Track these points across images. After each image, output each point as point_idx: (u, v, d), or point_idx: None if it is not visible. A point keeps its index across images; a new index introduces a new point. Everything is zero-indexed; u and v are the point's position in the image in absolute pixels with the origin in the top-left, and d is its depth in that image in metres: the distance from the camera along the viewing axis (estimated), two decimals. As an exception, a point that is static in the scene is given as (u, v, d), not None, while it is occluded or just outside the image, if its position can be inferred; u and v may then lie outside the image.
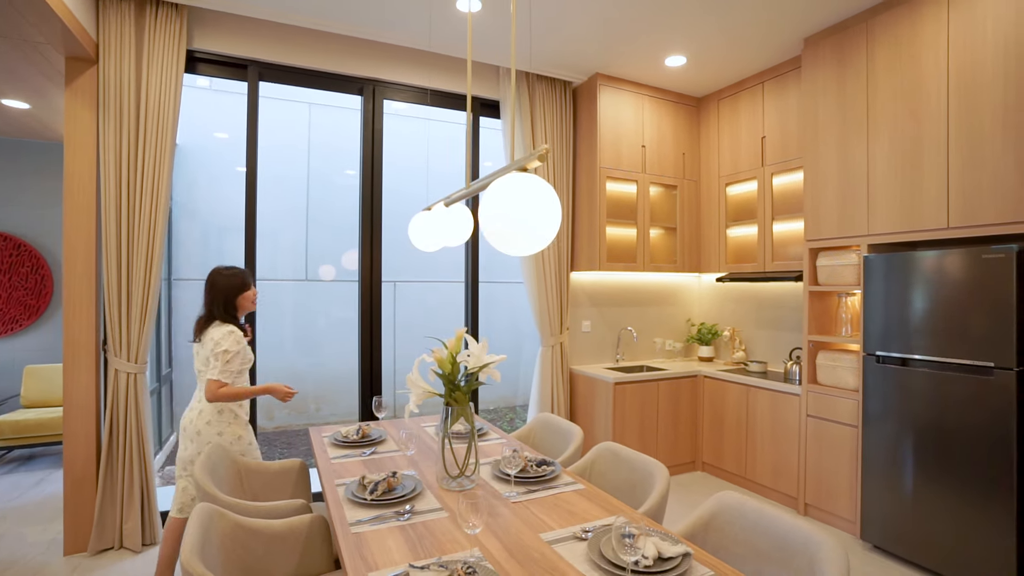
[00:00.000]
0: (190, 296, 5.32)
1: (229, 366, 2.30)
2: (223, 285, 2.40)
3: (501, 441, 2.51)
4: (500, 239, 1.25)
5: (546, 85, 4.04)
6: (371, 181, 3.65)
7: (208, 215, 5.55)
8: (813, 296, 3.39)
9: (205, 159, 5.50)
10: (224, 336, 2.31)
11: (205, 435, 2.34)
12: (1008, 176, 2.47)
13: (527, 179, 1.25)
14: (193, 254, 5.46)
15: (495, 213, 1.24)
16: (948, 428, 2.62)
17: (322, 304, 5.92)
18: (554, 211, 1.25)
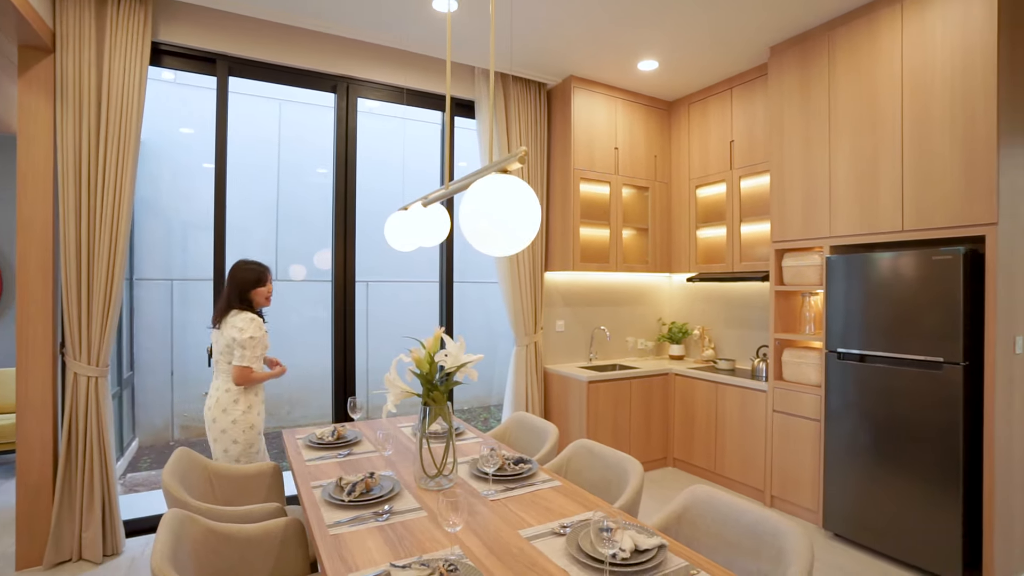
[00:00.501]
0: (153, 296, 5.17)
1: (256, 352, 2.46)
2: (240, 278, 2.54)
3: (478, 440, 2.52)
4: (481, 239, 1.26)
5: (521, 86, 4.07)
6: (344, 180, 3.61)
7: (173, 212, 5.39)
8: (779, 295, 3.51)
9: (170, 154, 5.33)
10: (247, 323, 2.46)
11: (220, 423, 2.50)
12: (956, 182, 2.61)
13: (508, 180, 1.27)
14: (157, 253, 5.30)
15: (476, 214, 1.26)
16: (903, 421, 2.75)
17: (293, 304, 5.81)
18: (534, 212, 1.27)
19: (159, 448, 5.00)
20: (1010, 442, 2.63)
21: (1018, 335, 2.66)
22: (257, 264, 2.60)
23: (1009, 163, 2.57)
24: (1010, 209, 2.58)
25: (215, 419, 2.51)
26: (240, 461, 2.55)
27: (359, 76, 3.57)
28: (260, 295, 2.59)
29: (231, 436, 2.53)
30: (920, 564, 2.68)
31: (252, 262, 2.60)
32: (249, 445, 2.56)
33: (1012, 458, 2.64)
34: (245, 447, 2.56)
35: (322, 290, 5.92)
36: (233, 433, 2.52)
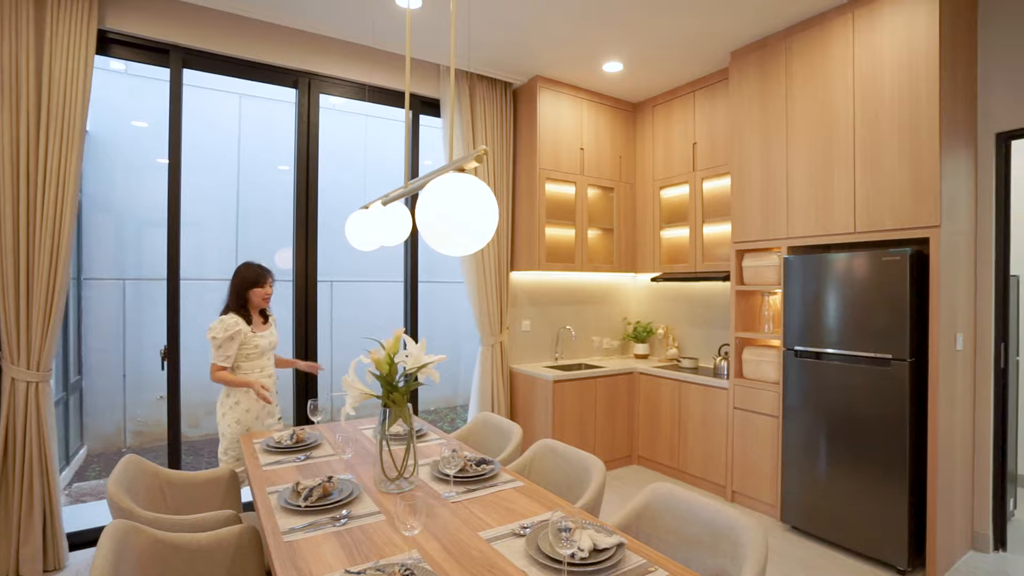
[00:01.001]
0: (104, 296, 4.95)
1: (221, 351, 2.54)
2: (239, 277, 2.67)
3: (440, 442, 2.49)
4: (437, 238, 1.24)
5: (487, 85, 4.05)
6: (306, 177, 3.53)
7: (125, 209, 5.18)
8: (739, 295, 3.59)
9: (122, 149, 5.12)
10: (214, 325, 2.57)
11: (218, 420, 2.67)
12: (903, 186, 2.72)
13: (464, 179, 1.25)
14: (108, 251, 5.08)
15: (432, 212, 1.24)
16: (855, 416, 2.85)
17: (252, 305, 5.65)
18: (490, 211, 1.26)
19: (109, 456, 4.78)
20: (951, 434, 2.75)
21: (959, 332, 2.78)
22: (259, 266, 2.71)
23: (951, 168, 2.69)
24: (951, 212, 2.70)
25: (218, 419, 2.68)
26: (239, 463, 2.61)
27: (321, 72, 3.49)
28: (257, 295, 2.67)
29: (222, 431, 2.65)
30: (870, 553, 2.78)
31: (255, 264, 2.72)
32: (236, 440, 2.62)
33: (953, 449, 2.77)
34: (232, 442, 2.63)
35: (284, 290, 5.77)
36: (223, 427, 2.65)
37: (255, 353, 2.67)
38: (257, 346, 2.66)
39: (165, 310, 3.14)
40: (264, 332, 2.73)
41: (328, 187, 5.45)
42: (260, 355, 2.69)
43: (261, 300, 2.70)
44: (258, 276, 2.68)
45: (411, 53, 3.74)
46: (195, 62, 3.19)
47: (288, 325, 3.52)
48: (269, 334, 2.76)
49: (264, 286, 2.69)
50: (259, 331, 2.71)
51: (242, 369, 2.66)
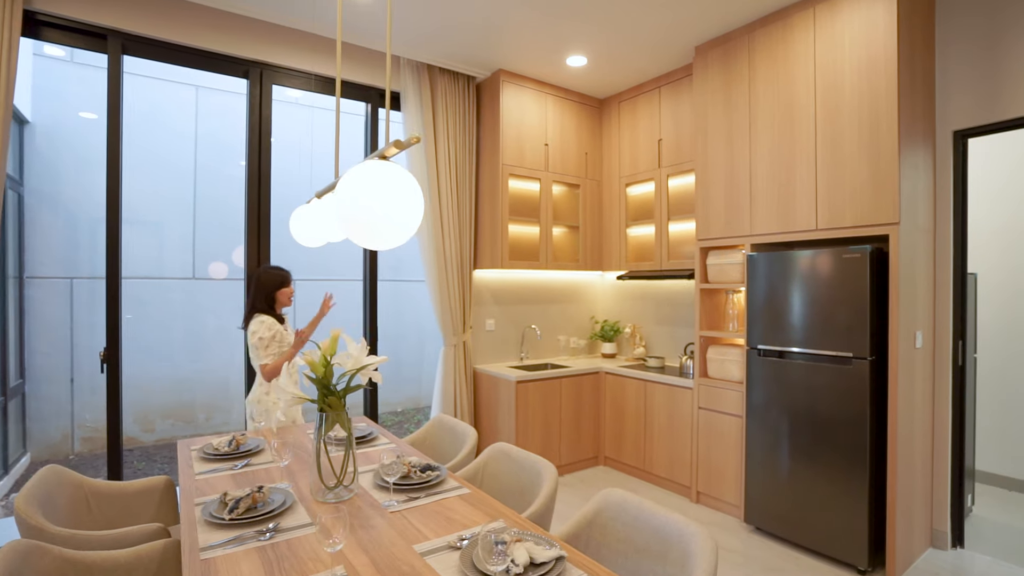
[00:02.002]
0: (49, 296, 4.70)
1: (268, 350, 2.67)
2: (265, 281, 2.78)
3: (391, 446, 2.39)
4: (356, 230, 1.14)
5: (448, 79, 3.95)
6: (259, 171, 3.38)
7: (75, 205, 4.93)
8: (704, 293, 3.55)
9: (69, 142, 4.87)
10: (257, 326, 2.69)
11: (255, 417, 2.74)
12: (863, 183, 2.70)
13: (385, 167, 1.15)
14: (55, 249, 4.83)
15: (350, 203, 1.14)
16: (817, 415, 2.82)
17: (211, 305, 5.45)
18: (414, 201, 1.16)
19: (55, 463, 4.55)
20: (911, 432, 2.74)
21: (918, 330, 2.78)
22: (279, 268, 2.84)
23: (910, 165, 2.68)
24: (910, 210, 2.69)
25: (251, 414, 2.76)
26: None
27: (273, 62, 3.35)
28: (284, 295, 2.82)
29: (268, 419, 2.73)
30: (832, 553, 2.76)
31: (275, 267, 2.85)
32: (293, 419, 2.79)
33: (913, 447, 2.76)
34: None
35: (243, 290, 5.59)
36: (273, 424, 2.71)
37: (283, 351, 2.75)
38: (287, 343, 2.78)
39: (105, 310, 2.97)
40: (288, 331, 2.86)
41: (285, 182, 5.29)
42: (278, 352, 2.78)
43: (287, 300, 2.84)
44: (284, 277, 2.82)
45: (367, 43, 3.62)
46: (135, 48, 3.03)
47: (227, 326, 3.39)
48: (290, 333, 2.87)
49: (289, 286, 2.85)
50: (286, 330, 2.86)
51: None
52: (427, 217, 3.83)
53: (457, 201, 3.97)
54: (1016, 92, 2.68)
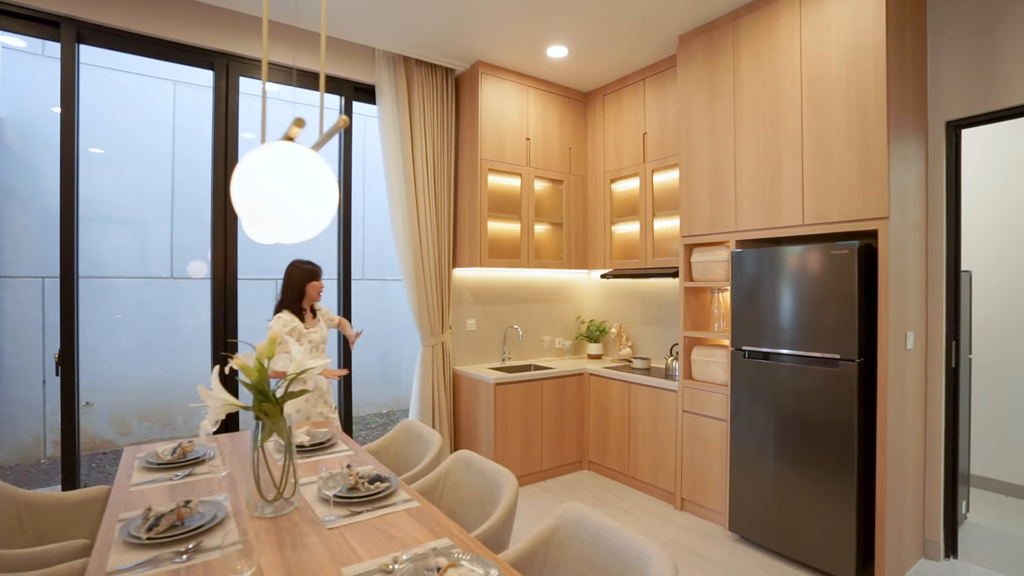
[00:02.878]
0: (20, 296, 4.58)
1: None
2: (294, 275, 2.77)
3: (349, 453, 2.25)
4: (256, 221, 1.01)
5: (426, 71, 3.82)
6: (224, 166, 3.26)
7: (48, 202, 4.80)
8: (688, 292, 3.42)
9: (40, 137, 4.75)
10: (274, 323, 2.67)
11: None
12: (851, 176, 2.57)
13: (291, 151, 1.02)
14: (27, 247, 4.71)
15: (250, 191, 1.01)
16: (804, 420, 2.69)
17: (190, 305, 5.33)
18: (324, 189, 1.03)
19: (26, 468, 4.43)
20: (901, 437, 2.61)
21: (909, 331, 2.64)
22: (309, 263, 2.82)
23: (900, 157, 2.55)
24: (901, 204, 2.56)
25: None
26: None
27: (241, 52, 3.22)
28: (314, 289, 2.80)
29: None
30: (818, 565, 2.62)
31: (305, 261, 2.83)
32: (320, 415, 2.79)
33: (903, 453, 2.63)
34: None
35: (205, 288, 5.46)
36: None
37: (308, 348, 2.70)
38: (311, 341, 2.76)
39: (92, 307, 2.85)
40: (314, 328, 2.83)
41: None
42: (313, 349, 2.79)
43: (317, 294, 2.82)
44: (314, 271, 2.80)
45: (340, 34, 3.49)
46: (92, 37, 2.90)
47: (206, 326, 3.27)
48: (319, 329, 2.85)
49: (319, 279, 2.82)
50: (311, 327, 2.82)
51: None
52: (403, 214, 3.71)
53: (435, 197, 3.84)
54: (1010, 81, 2.54)
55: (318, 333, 2.83)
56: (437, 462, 2.38)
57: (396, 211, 3.71)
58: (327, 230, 4.43)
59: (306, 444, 2.24)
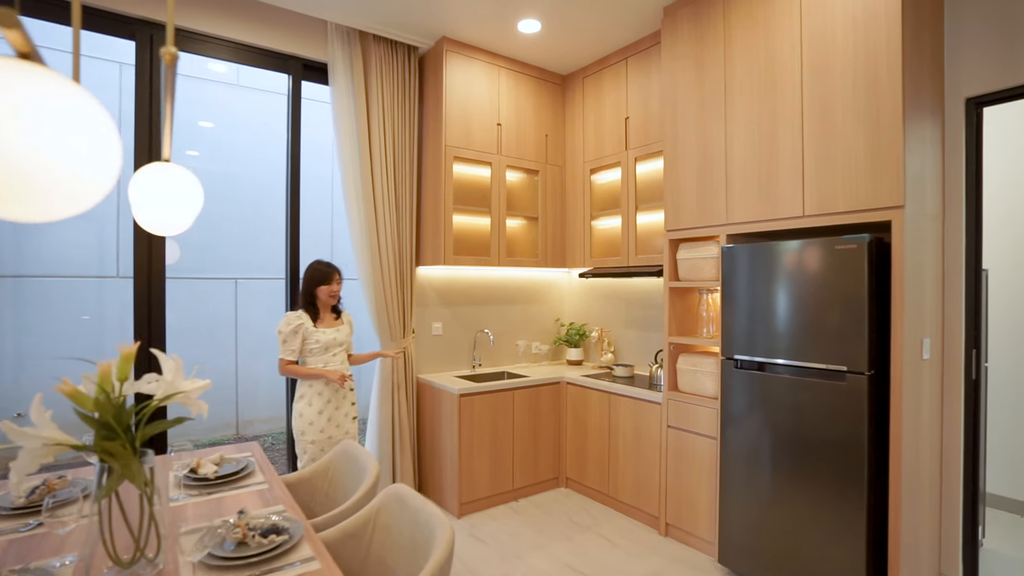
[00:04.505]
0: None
1: (287, 345, 2.65)
2: (307, 276, 2.75)
3: (262, 488, 1.87)
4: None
5: (385, 48, 3.43)
6: (148, 153, 2.86)
7: None
8: (673, 293, 3.06)
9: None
10: (282, 319, 2.69)
11: (293, 420, 2.75)
12: (859, 160, 2.22)
13: (25, 71, 0.65)
14: None
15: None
16: (805, 440, 2.34)
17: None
18: (79, 126, 0.66)
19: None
20: (917, 459, 2.26)
21: (925, 338, 2.30)
22: (326, 264, 2.76)
23: (916, 137, 2.20)
24: (917, 190, 2.21)
25: (293, 422, 2.76)
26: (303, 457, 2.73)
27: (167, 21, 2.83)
28: (323, 292, 2.73)
29: (296, 434, 2.73)
30: (821, 609, 2.27)
31: (323, 262, 2.77)
32: (300, 432, 2.70)
33: (920, 476, 2.28)
34: (297, 434, 2.71)
35: (181, 288, 5.06)
36: (296, 430, 2.72)
37: (317, 348, 2.71)
38: (318, 341, 2.70)
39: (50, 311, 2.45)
40: (329, 328, 2.75)
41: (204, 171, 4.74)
42: (323, 350, 2.72)
43: (328, 297, 2.75)
44: (325, 274, 2.73)
45: (288, 3, 3.11)
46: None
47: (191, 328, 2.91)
48: (335, 331, 2.76)
49: (331, 283, 2.73)
50: (324, 327, 2.74)
51: (305, 364, 2.73)
52: (359, 206, 3.33)
53: (395, 188, 3.46)
54: (1043, 48, 2.20)
55: (329, 335, 2.73)
56: (373, 494, 2.00)
57: (351, 203, 3.33)
58: (266, 224, 3.97)
59: (210, 477, 1.85)
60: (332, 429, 2.73)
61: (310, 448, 2.70)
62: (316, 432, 2.70)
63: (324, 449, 2.70)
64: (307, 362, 2.72)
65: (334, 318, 2.81)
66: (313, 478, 2.33)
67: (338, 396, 2.76)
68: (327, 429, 2.72)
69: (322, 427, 2.71)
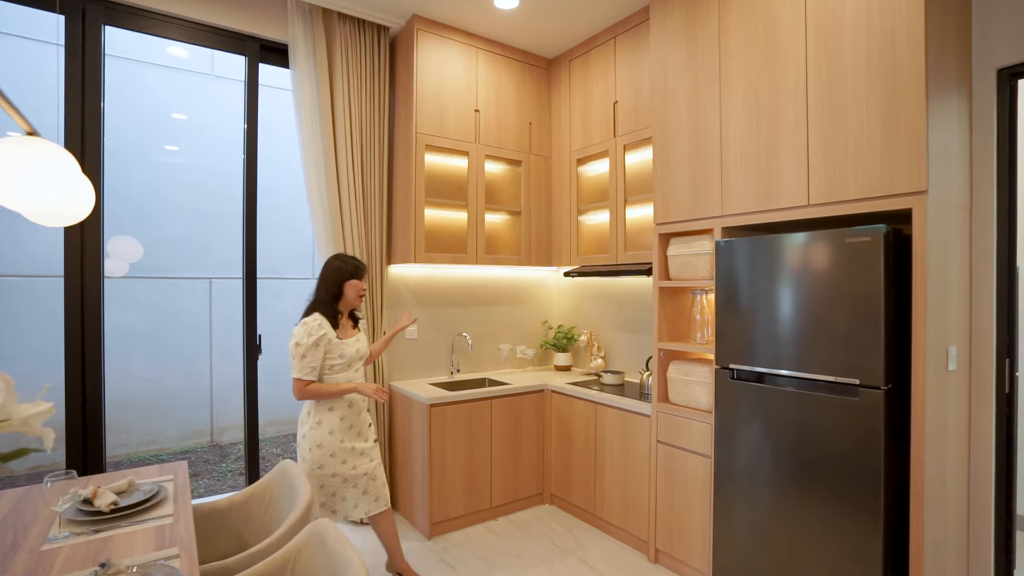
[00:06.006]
0: None
1: (306, 361, 2.19)
2: (330, 270, 2.33)
3: (166, 522, 1.59)
4: None
5: (352, 28, 3.16)
6: (81, 140, 2.60)
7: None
8: (664, 293, 2.76)
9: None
10: (297, 329, 2.22)
11: (297, 440, 2.33)
12: (873, 136, 1.91)
13: None
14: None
15: None
16: (811, 463, 2.03)
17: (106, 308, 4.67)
18: None
19: None
20: (943, 485, 1.95)
21: (951, 346, 1.98)
22: (349, 258, 2.38)
23: (940, 112, 1.89)
24: (941, 174, 1.89)
25: (302, 456, 2.31)
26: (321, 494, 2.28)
27: (103, -7, 2.58)
28: (353, 289, 2.32)
29: (302, 455, 2.30)
30: (829, 659, 1.96)
31: (346, 256, 2.39)
32: (318, 466, 2.26)
33: (945, 504, 1.97)
34: (313, 468, 2.26)
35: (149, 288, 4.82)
36: (302, 450, 2.30)
37: (340, 364, 2.28)
38: (342, 355, 2.28)
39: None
40: (351, 339, 2.34)
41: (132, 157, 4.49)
42: (347, 366, 2.31)
43: (356, 296, 2.35)
44: (355, 267, 2.34)
45: (239, -24, 2.83)
46: None
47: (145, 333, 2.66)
48: (356, 341, 2.37)
49: (361, 279, 2.35)
50: (346, 337, 2.33)
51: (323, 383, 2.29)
52: (323, 200, 3.05)
53: (363, 181, 3.19)
54: (1089, 8, 1.88)
55: (353, 347, 2.33)
56: (302, 525, 1.72)
57: (313, 194, 3.06)
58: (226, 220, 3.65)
59: (104, 511, 1.57)
60: (356, 458, 2.33)
61: (331, 483, 2.29)
62: (338, 464, 2.28)
63: (346, 481, 2.31)
64: (324, 380, 2.29)
65: (351, 326, 2.41)
66: (249, 502, 2.06)
67: (360, 419, 2.38)
68: (350, 459, 2.31)
69: (344, 458, 2.29)
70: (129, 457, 4.68)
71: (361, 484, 2.36)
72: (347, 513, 2.36)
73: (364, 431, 2.41)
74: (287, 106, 3.09)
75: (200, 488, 4.21)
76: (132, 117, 4.82)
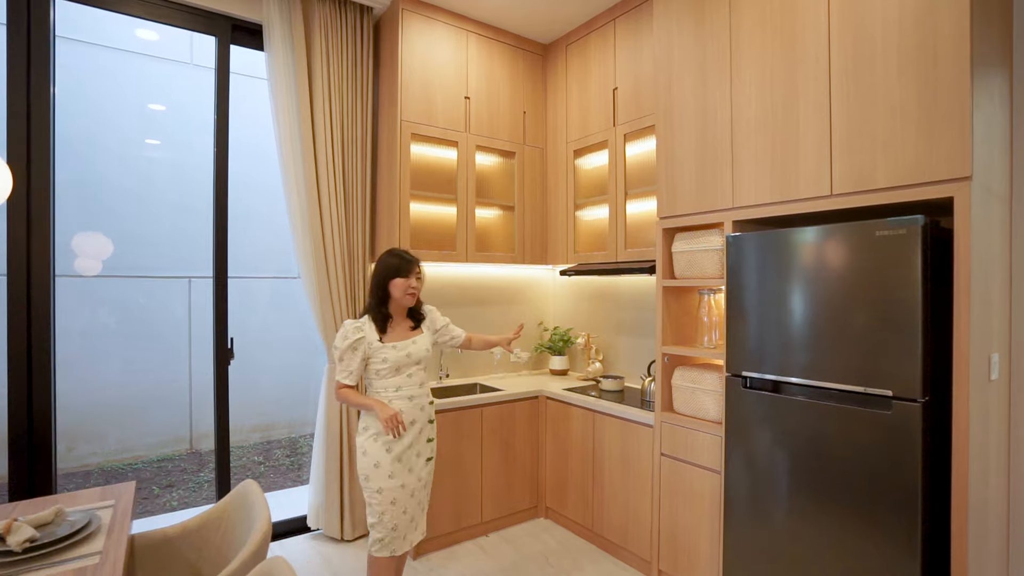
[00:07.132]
0: None
1: (343, 365, 2.08)
2: (378, 269, 2.16)
3: (90, 563, 1.36)
4: None
5: (332, 9, 2.93)
6: (28, 131, 2.37)
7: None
8: (668, 293, 2.54)
9: None
10: (341, 330, 2.10)
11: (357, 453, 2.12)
12: (907, 117, 1.69)
13: None
14: None
15: None
16: (834, 483, 1.82)
17: (77, 308, 4.43)
18: None
19: None
20: (985, 508, 1.73)
21: (993, 352, 1.77)
22: (403, 252, 2.19)
23: (984, 91, 1.67)
24: (984, 159, 1.68)
25: (357, 458, 2.13)
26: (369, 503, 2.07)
27: (54, -37, 2.34)
28: (398, 288, 2.12)
29: (363, 473, 2.08)
30: None
31: (399, 250, 2.20)
32: (364, 477, 2.07)
33: (987, 530, 1.75)
34: (361, 479, 2.08)
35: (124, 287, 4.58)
36: (362, 468, 2.08)
37: (385, 369, 2.08)
38: (386, 360, 2.07)
39: None
40: (402, 341, 2.12)
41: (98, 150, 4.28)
42: (394, 371, 2.09)
43: (404, 295, 2.13)
44: (400, 264, 2.13)
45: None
46: None
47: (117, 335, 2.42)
48: (411, 343, 2.13)
49: (408, 276, 2.13)
50: (393, 340, 2.11)
51: (372, 387, 2.13)
52: (301, 193, 2.83)
53: (343, 171, 2.96)
54: None
55: (401, 350, 2.09)
56: (259, 558, 1.50)
57: (290, 186, 2.84)
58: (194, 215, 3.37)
59: (15, 550, 1.34)
60: (404, 475, 2.06)
61: (377, 501, 2.04)
62: (384, 478, 2.03)
63: (395, 502, 2.04)
64: (372, 385, 2.11)
65: (411, 327, 2.19)
66: (203, 529, 1.83)
67: (413, 428, 2.10)
68: (398, 474, 2.05)
69: (391, 471, 2.03)
70: (101, 467, 4.43)
71: (411, 509, 2.10)
72: (413, 540, 2.16)
73: (418, 444, 2.12)
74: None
75: (173, 501, 3.97)
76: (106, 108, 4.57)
